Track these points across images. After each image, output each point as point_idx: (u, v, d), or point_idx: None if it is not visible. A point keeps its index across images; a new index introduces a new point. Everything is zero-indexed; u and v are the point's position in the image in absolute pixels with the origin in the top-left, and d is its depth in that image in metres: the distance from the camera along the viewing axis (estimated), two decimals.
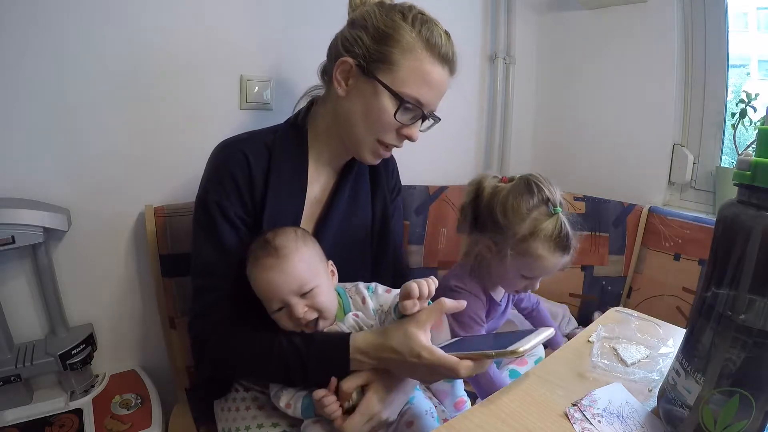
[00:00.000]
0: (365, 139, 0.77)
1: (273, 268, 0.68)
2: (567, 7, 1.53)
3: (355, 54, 0.73)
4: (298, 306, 0.68)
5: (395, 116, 0.74)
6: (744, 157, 0.48)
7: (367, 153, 0.79)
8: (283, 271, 0.68)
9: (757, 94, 1.23)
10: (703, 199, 1.38)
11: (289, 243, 0.70)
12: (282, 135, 0.81)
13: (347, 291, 0.77)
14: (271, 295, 0.69)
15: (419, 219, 1.33)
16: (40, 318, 0.96)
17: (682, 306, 1.21)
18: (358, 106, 0.75)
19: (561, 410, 0.58)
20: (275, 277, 0.68)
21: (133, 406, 0.93)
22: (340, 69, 0.75)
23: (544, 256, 0.83)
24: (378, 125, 0.75)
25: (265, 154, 0.78)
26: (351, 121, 0.77)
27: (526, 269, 0.86)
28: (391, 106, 0.73)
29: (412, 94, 0.73)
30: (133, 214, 1.02)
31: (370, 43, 0.73)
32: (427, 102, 0.76)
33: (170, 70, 1.00)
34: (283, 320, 0.70)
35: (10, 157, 0.88)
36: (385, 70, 0.72)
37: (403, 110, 0.74)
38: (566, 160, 1.61)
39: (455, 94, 1.52)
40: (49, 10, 0.86)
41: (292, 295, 0.68)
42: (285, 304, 0.69)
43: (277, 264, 0.68)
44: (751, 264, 0.46)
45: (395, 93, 0.73)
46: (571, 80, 1.57)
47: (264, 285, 0.69)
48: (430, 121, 0.82)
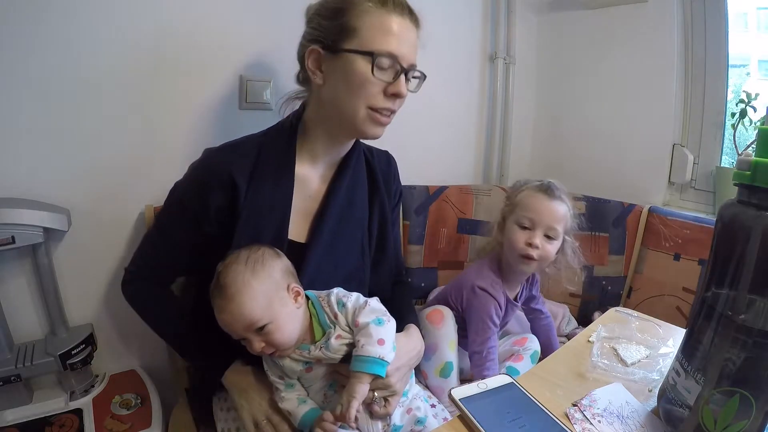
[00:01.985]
0: (357, 111, 0.76)
1: (223, 311, 0.69)
2: (567, 7, 1.53)
3: (318, 40, 0.76)
4: (254, 342, 0.69)
5: (374, 74, 0.73)
6: (744, 157, 0.48)
7: (365, 124, 0.78)
8: (231, 313, 0.68)
9: (757, 94, 1.23)
10: (703, 199, 1.38)
11: (237, 280, 0.69)
12: (272, 135, 0.83)
13: (320, 301, 0.75)
14: (229, 331, 0.70)
15: (419, 219, 1.33)
16: (40, 318, 0.96)
17: (682, 306, 1.21)
18: (340, 83, 0.76)
19: (561, 410, 0.58)
20: (226, 318, 0.69)
21: (133, 406, 0.93)
22: (310, 60, 0.77)
23: (530, 195, 1.00)
24: (363, 91, 0.75)
25: (252, 155, 0.79)
26: (338, 101, 0.77)
27: (521, 216, 0.99)
28: (366, 67, 0.73)
29: (381, 48, 0.73)
30: (133, 214, 1.02)
31: (328, 23, 0.75)
32: (401, 54, 0.75)
33: (170, 70, 1.00)
34: (249, 349, 0.71)
35: (10, 157, 0.88)
36: (349, 39, 0.74)
37: (379, 67, 0.74)
38: (566, 160, 1.61)
39: (455, 94, 1.54)
40: (50, 12, 0.86)
41: (246, 332, 0.69)
42: (245, 335, 0.70)
43: (225, 306, 0.68)
44: (751, 264, 0.46)
45: (365, 51, 0.73)
46: (571, 80, 1.57)
47: (221, 323, 0.70)
48: (416, 80, 0.83)
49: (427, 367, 0.92)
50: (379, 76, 0.74)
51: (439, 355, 0.91)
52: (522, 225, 0.98)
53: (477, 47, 1.54)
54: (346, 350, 0.71)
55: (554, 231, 0.97)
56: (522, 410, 0.57)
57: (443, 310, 0.95)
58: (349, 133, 0.82)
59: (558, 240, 0.99)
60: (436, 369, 0.91)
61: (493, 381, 0.62)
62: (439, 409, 0.85)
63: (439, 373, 0.90)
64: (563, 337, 1.26)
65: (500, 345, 1.14)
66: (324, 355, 0.70)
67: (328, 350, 0.70)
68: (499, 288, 1.00)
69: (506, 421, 0.55)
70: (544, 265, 1.00)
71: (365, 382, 0.67)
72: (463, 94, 1.55)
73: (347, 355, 0.71)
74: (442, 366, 0.90)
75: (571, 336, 1.16)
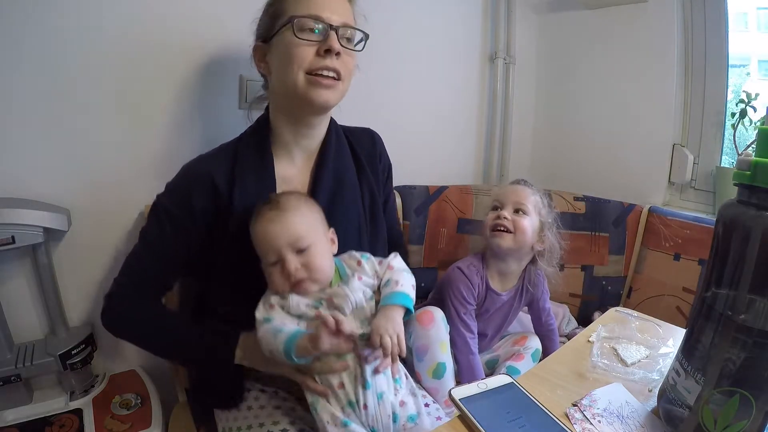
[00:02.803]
0: (296, 79, 0.76)
1: (272, 220, 0.71)
2: (567, 7, 1.53)
3: (258, 36, 0.82)
4: (291, 261, 0.70)
5: (297, 36, 0.74)
6: (744, 157, 0.48)
7: (308, 90, 0.76)
8: (280, 223, 0.71)
9: (757, 94, 1.23)
10: (703, 199, 1.38)
11: (291, 200, 0.74)
12: (245, 138, 0.85)
13: (341, 260, 0.79)
14: (268, 246, 0.71)
15: (419, 219, 1.33)
16: (40, 318, 0.96)
17: (682, 306, 1.21)
18: (277, 63, 0.79)
19: (561, 410, 0.58)
20: (273, 228, 0.71)
21: (133, 406, 0.93)
22: (256, 56, 0.83)
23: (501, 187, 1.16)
24: (294, 58, 0.75)
25: (229, 159, 0.81)
26: (280, 80, 0.79)
27: (491, 202, 1.10)
28: (291, 35, 0.75)
29: (300, 11, 0.75)
30: (133, 214, 1.02)
31: (264, 20, 0.81)
32: (324, 14, 0.75)
33: (170, 70, 1.00)
34: (275, 276, 0.72)
35: (10, 157, 0.88)
36: (278, 21, 0.77)
37: (300, 28, 0.74)
38: (566, 160, 1.61)
39: (455, 94, 1.55)
40: (48, 10, 0.86)
41: (287, 249, 0.71)
42: (279, 258, 0.71)
43: (276, 216, 0.71)
44: (751, 264, 0.46)
45: (286, 21, 0.75)
46: (572, 80, 1.57)
47: (262, 236, 0.72)
48: (359, 41, 0.82)
49: (420, 368, 0.92)
50: (303, 36, 0.74)
51: (430, 356, 0.91)
52: (493, 207, 1.08)
53: (477, 47, 1.54)
54: (362, 294, 0.73)
55: (523, 207, 1.04)
56: (522, 410, 0.57)
57: (433, 311, 0.95)
58: (301, 109, 0.80)
59: (530, 216, 1.04)
60: (429, 370, 0.91)
61: (493, 381, 0.62)
62: (432, 409, 0.85)
63: (432, 374, 0.91)
64: (563, 337, 1.26)
65: (500, 345, 1.15)
66: (342, 291, 0.72)
67: (347, 285, 0.73)
68: (476, 271, 1.06)
69: (506, 421, 0.55)
70: (522, 239, 1.03)
71: (401, 316, 0.72)
72: (463, 94, 1.55)
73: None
74: (434, 367, 0.91)
75: (571, 336, 1.16)
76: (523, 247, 1.04)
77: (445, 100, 1.50)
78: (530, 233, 1.04)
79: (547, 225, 1.07)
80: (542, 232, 1.06)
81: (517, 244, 1.03)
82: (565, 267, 1.37)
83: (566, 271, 1.37)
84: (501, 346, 1.14)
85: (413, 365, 0.93)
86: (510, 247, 1.03)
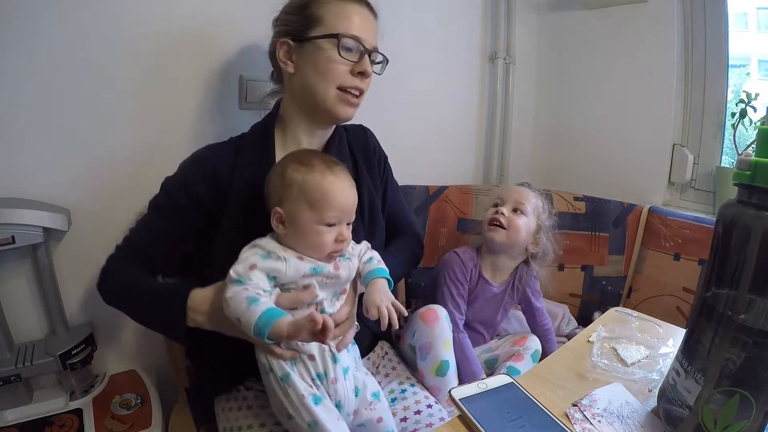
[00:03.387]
0: (328, 92, 0.81)
1: (350, 185, 0.73)
2: (567, 7, 1.53)
3: (287, 33, 0.82)
4: (345, 231, 0.72)
5: (340, 54, 0.79)
6: (744, 157, 0.48)
7: (336, 105, 0.82)
8: (352, 189, 0.74)
9: (757, 94, 1.23)
10: (703, 199, 1.38)
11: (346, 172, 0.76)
12: (249, 135, 0.86)
13: None
14: (340, 203, 0.71)
15: (419, 219, 1.33)
16: (40, 318, 0.96)
17: (682, 306, 1.21)
18: (309, 69, 0.81)
19: (561, 410, 0.58)
20: (350, 193, 0.73)
21: (133, 406, 0.93)
22: (281, 52, 0.82)
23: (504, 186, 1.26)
24: (331, 73, 0.80)
25: (232, 154, 0.82)
26: (309, 86, 0.81)
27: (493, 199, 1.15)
28: (333, 50, 0.79)
29: (345, 31, 0.79)
30: (133, 214, 1.02)
31: (295, 18, 0.81)
32: (363, 36, 0.80)
33: (170, 70, 1.00)
34: (326, 237, 0.70)
35: (10, 157, 0.88)
36: (315, 27, 0.80)
37: (344, 47, 0.79)
38: (566, 160, 1.61)
39: (455, 94, 1.55)
40: (50, 12, 0.86)
41: (350, 215, 0.73)
42: (341, 222, 0.72)
43: (350, 183, 0.74)
44: (751, 264, 0.46)
45: (331, 34, 0.78)
46: (571, 80, 1.57)
47: (338, 191, 0.71)
48: (380, 65, 0.88)
49: (423, 366, 0.92)
50: (345, 56, 0.79)
51: (433, 354, 0.91)
52: (494, 204, 1.11)
53: (477, 47, 1.54)
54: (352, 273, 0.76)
55: (522, 207, 1.07)
56: (522, 410, 0.57)
57: (437, 309, 0.95)
58: (323, 117, 0.85)
59: (527, 217, 1.07)
60: (432, 368, 0.91)
61: (493, 381, 0.62)
62: (436, 410, 0.85)
63: (435, 372, 0.91)
64: (563, 337, 1.26)
65: (500, 346, 1.15)
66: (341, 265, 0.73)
67: (349, 260, 0.75)
68: (470, 257, 1.11)
69: (506, 421, 0.55)
70: (514, 237, 1.06)
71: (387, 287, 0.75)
72: (463, 94, 1.55)
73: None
74: (437, 365, 0.91)
75: (571, 336, 1.16)
76: (515, 244, 1.07)
77: (445, 100, 1.50)
78: (524, 233, 1.06)
79: (543, 229, 1.10)
80: (538, 234, 1.09)
81: (509, 241, 1.06)
82: (565, 267, 1.37)
83: (566, 271, 1.37)
84: (500, 346, 1.14)
85: (416, 363, 0.93)
86: (502, 242, 1.06)
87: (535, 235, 1.09)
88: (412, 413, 0.83)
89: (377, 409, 0.75)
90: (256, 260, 0.67)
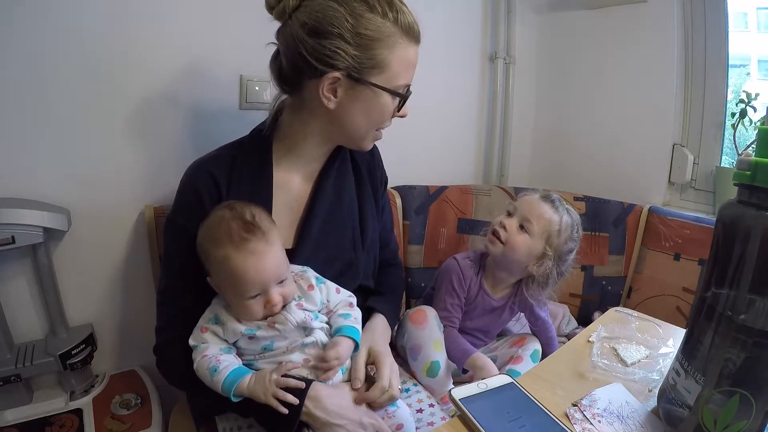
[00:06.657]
0: (368, 134, 0.80)
1: (264, 254, 0.66)
2: (567, 7, 1.53)
3: (339, 67, 0.70)
4: (275, 294, 0.68)
5: (398, 110, 0.78)
6: (744, 157, 0.48)
7: (368, 142, 0.82)
8: (273, 258, 0.67)
9: (757, 94, 1.23)
10: (703, 199, 1.38)
11: (272, 227, 0.70)
12: (245, 146, 0.81)
13: (293, 275, 0.74)
14: (254, 280, 0.66)
15: (419, 219, 1.33)
16: (40, 318, 0.96)
17: (682, 306, 1.21)
18: (358, 111, 0.75)
19: (561, 410, 0.58)
20: (265, 264, 0.66)
21: (133, 406, 0.93)
22: (326, 85, 0.71)
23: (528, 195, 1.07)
24: (380, 120, 0.78)
25: (227, 168, 0.78)
26: (352, 126, 0.77)
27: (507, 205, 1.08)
28: (391, 103, 0.76)
29: (404, 83, 0.76)
30: (133, 214, 1.02)
31: (355, 52, 0.70)
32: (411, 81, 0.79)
33: (170, 70, 1.00)
34: (253, 308, 0.68)
35: (10, 157, 0.88)
36: (378, 72, 0.72)
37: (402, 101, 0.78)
38: (566, 160, 1.61)
39: (455, 94, 1.54)
40: (49, 12, 0.86)
41: (273, 282, 0.68)
42: (262, 291, 0.67)
43: (267, 250, 0.67)
44: (751, 264, 0.46)
45: (395, 92, 0.75)
46: (571, 80, 1.57)
47: (248, 270, 0.66)
48: None
49: (415, 367, 0.93)
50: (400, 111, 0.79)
51: (424, 355, 0.92)
52: (507, 211, 1.04)
53: (477, 47, 1.54)
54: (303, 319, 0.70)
55: (529, 225, 0.98)
56: (522, 410, 0.57)
57: (426, 310, 0.95)
58: (347, 145, 0.84)
59: (532, 238, 0.98)
60: (423, 369, 0.92)
61: (493, 381, 0.62)
62: (437, 409, 0.85)
63: (426, 372, 0.92)
64: (563, 337, 1.26)
65: (498, 346, 1.14)
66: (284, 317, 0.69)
67: (290, 314, 0.69)
68: (470, 266, 1.07)
69: (506, 421, 0.55)
70: (510, 255, 0.99)
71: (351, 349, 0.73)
72: (463, 94, 1.55)
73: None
74: (428, 366, 0.91)
75: (571, 336, 1.16)
76: (510, 262, 1.01)
77: (445, 100, 1.50)
78: (523, 253, 0.98)
79: (553, 256, 0.99)
80: (542, 258, 0.99)
81: (504, 257, 1.00)
82: None
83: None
84: (499, 347, 1.14)
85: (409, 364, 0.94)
86: (497, 256, 1.01)
87: (539, 258, 0.99)
88: (414, 412, 0.83)
89: (397, 416, 0.75)
90: (204, 323, 0.72)
